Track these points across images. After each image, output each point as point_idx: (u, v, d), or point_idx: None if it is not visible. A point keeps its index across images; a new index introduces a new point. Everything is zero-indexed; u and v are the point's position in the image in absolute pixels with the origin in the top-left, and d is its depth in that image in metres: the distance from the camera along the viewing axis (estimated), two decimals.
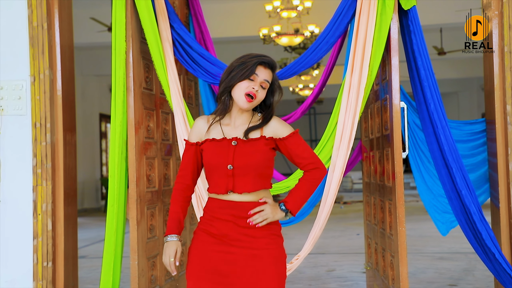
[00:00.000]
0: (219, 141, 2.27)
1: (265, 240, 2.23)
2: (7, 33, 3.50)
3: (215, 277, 2.20)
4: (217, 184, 2.25)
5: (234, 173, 2.22)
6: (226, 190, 2.23)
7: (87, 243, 7.83)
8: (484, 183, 3.75)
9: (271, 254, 2.22)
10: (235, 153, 2.24)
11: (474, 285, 4.72)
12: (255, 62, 2.25)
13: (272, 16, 9.04)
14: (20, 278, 3.42)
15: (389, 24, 3.19)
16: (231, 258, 2.20)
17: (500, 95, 3.42)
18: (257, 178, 2.24)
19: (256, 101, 2.26)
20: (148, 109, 3.46)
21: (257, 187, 2.24)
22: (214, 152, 2.26)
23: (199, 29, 3.88)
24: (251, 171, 2.23)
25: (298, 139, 2.31)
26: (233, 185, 2.22)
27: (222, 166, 2.23)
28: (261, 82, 2.26)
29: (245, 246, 2.21)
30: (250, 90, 2.23)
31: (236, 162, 2.23)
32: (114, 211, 3.22)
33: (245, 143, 2.26)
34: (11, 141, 3.46)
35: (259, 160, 2.24)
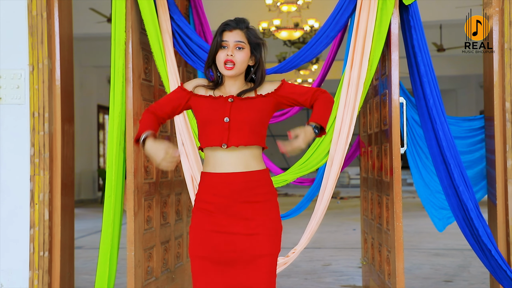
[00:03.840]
0: (216, 98, 2.32)
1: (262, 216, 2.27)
2: (6, 22, 3.48)
3: (216, 256, 2.24)
4: (212, 137, 2.27)
5: (230, 126, 2.25)
6: (221, 142, 2.25)
7: (83, 234, 7.83)
8: (482, 180, 3.76)
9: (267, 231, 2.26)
10: (232, 108, 2.28)
11: (470, 281, 4.74)
12: (219, 31, 2.31)
13: (272, 9, 9.02)
14: (16, 267, 3.42)
15: (389, 19, 3.18)
16: (229, 238, 2.24)
17: (499, 92, 3.42)
18: (252, 134, 2.27)
19: (239, 64, 2.29)
20: (147, 100, 3.45)
21: (251, 141, 2.27)
22: (211, 107, 2.30)
23: (199, 21, 3.87)
24: (246, 126, 2.26)
25: (289, 84, 2.38)
26: (228, 138, 2.25)
27: (218, 120, 2.27)
28: (234, 45, 2.29)
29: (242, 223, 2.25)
30: (226, 58, 2.28)
31: (232, 115, 2.26)
32: (112, 202, 3.21)
33: (241, 100, 2.31)
34: (9, 130, 3.45)
35: (254, 116, 2.28)
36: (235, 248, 2.24)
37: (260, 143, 2.31)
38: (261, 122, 2.31)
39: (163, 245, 3.62)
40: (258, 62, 2.35)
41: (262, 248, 2.24)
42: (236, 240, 2.24)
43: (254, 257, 2.24)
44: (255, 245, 2.24)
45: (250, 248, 2.24)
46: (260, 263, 2.24)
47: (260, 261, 2.24)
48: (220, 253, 2.24)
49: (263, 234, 2.25)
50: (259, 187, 2.29)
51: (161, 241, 3.59)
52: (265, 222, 2.27)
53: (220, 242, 2.25)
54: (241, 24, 2.32)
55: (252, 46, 2.33)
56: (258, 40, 2.34)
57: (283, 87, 2.35)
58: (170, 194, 3.75)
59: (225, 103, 2.29)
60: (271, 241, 2.27)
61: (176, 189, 3.84)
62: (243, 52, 2.30)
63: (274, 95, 2.34)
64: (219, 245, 2.25)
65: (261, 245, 2.24)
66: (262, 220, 2.27)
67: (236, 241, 2.24)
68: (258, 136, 2.30)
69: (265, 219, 2.27)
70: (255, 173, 2.28)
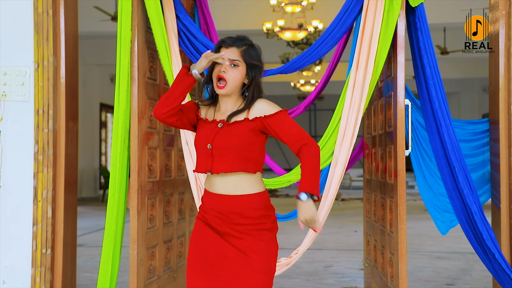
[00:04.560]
0: (209, 123, 2.33)
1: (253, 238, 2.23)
2: (12, 19, 3.48)
3: (206, 265, 2.24)
4: (199, 163, 2.31)
5: (213, 153, 2.25)
6: (205, 169, 2.28)
7: (85, 232, 7.83)
8: (485, 183, 3.75)
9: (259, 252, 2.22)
10: (217, 134, 2.27)
11: (472, 285, 4.73)
12: (216, 47, 2.32)
13: (276, 10, 9.01)
14: (19, 264, 3.42)
15: (396, 20, 3.17)
16: (221, 250, 2.24)
17: (504, 95, 3.42)
18: (237, 160, 2.23)
19: (230, 82, 2.26)
20: (152, 99, 3.45)
21: (234, 168, 2.22)
22: (201, 133, 2.32)
23: (204, 20, 3.87)
24: (230, 152, 2.23)
25: (285, 117, 2.24)
26: (212, 165, 2.25)
27: (203, 146, 2.28)
28: (228, 62, 2.27)
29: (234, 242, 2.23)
30: (218, 74, 2.27)
31: (215, 142, 2.25)
32: (115, 200, 3.21)
33: (229, 126, 2.28)
34: (13, 127, 3.45)
35: (238, 142, 2.23)
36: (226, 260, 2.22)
37: (249, 170, 2.23)
38: (249, 147, 2.23)
39: (166, 244, 3.62)
40: (252, 81, 2.29)
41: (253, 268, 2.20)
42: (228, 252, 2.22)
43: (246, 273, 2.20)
44: (246, 264, 2.21)
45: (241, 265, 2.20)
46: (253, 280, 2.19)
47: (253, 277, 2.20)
48: (210, 262, 2.24)
49: (256, 253, 2.22)
50: (249, 211, 2.24)
51: (164, 240, 3.59)
52: (258, 244, 2.23)
53: (212, 251, 2.24)
54: (238, 42, 2.29)
55: (248, 66, 2.29)
56: (254, 61, 2.28)
57: (275, 118, 2.23)
58: (173, 193, 3.74)
59: (214, 129, 2.28)
60: (263, 262, 2.22)
61: (179, 188, 3.84)
62: (237, 70, 2.26)
63: (261, 120, 2.25)
64: (211, 254, 2.24)
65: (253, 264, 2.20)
66: (254, 242, 2.23)
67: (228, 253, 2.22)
68: (247, 161, 2.23)
69: (257, 242, 2.23)
70: (244, 197, 2.24)
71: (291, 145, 2.23)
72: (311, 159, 2.20)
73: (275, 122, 2.23)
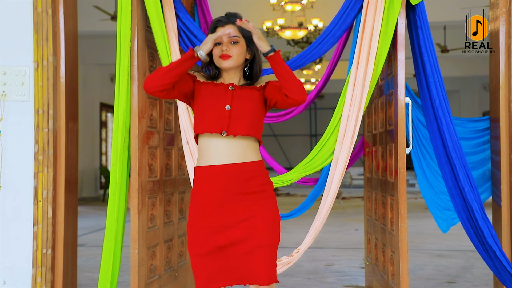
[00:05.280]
0: (217, 85, 2.32)
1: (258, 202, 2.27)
2: (12, 19, 3.47)
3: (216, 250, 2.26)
4: (212, 124, 2.26)
5: (231, 114, 2.25)
6: (221, 130, 2.24)
7: (85, 232, 7.83)
8: (486, 181, 3.75)
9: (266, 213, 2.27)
10: (233, 96, 2.28)
11: (473, 282, 4.73)
12: (212, 27, 2.34)
13: (276, 9, 9.01)
14: (20, 264, 3.41)
15: (396, 18, 3.17)
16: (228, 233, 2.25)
17: (505, 93, 3.41)
18: (251, 125, 2.27)
19: (235, 56, 2.29)
20: (152, 98, 3.44)
21: (250, 131, 2.27)
22: (211, 93, 2.30)
23: (204, 19, 3.86)
24: (247, 115, 2.26)
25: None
26: (228, 126, 2.24)
27: (219, 107, 2.26)
28: (227, 40, 2.29)
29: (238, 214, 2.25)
30: (221, 53, 2.29)
31: (234, 104, 2.26)
32: (116, 200, 3.21)
33: (241, 90, 2.31)
34: (13, 127, 3.45)
35: (254, 106, 2.29)
36: (233, 241, 2.25)
37: (258, 135, 2.32)
38: (260, 114, 2.32)
39: (167, 243, 3.62)
40: (254, 55, 2.36)
41: (260, 239, 2.24)
42: (233, 233, 2.25)
43: (252, 248, 2.24)
44: (253, 236, 2.24)
45: (248, 239, 2.24)
46: (259, 254, 2.24)
47: (259, 251, 2.24)
48: (218, 248, 2.25)
49: (260, 225, 2.25)
50: (254, 178, 2.29)
51: (165, 240, 3.59)
52: (262, 212, 2.27)
53: (217, 238, 2.26)
54: (232, 18, 2.33)
55: (247, 40, 2.33)
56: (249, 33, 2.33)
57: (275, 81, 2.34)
58: (174, 192, 3.74)
59: (226, 91, 2.29)
60: (269, 232, 2.27)
61: (180, 188, 3.84)
62: (239, 45, 2.31)
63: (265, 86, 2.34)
64: (216, 241, 2.25)
65: (259, 235, 2.24)
66: (259, 211, 2.27)
67: (233, 234, 2.25)
68: (256, 128, 2.31)
69: (261, 210, 2.27)
70: (250, 164, 2.28)
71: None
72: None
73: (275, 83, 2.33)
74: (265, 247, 2.25)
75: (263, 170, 2.34)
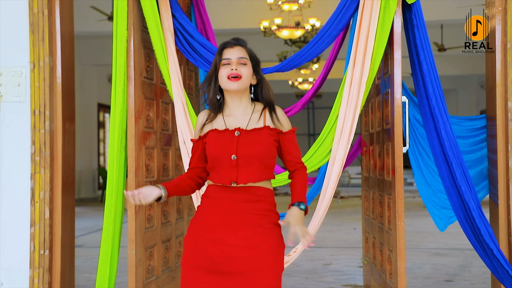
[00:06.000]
0: (222, 132, 2.25)
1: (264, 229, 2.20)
2: (7, 19, 3.47)
3: (210, 265, 2.17)
4: (221, 175, 2.22)
5: (238, 163, 2.20)
6: (230, 181, 2.21)
7: (83, 233, 7.82)
8: (483, 179, 3.75)
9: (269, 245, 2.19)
10: (238, 143, 2.21)
11: (471, 281, 4.73)
12: (219, 51, 2.29)
13: (273, 8, 9.01)
14: (17, 265, 3.41)
15: (392, 17, 3.17)
16: (226, 250, 2.17)
17: (501, 91, 3.41)
18: (262, 168, 2.23)
19: (245, 77, 2.25)
20: (148, 98, 3.44)
21: (260, 177, 2.23)
22: (217, 143, 2.24)
23: (201, 19, 3.86)
24: (255, 161, 2.21)
25: (294, 137, 2.34)
26: (237, 176, 2.20)
27: (225, 157, 2.21)
28: (237, 61, 2.25)
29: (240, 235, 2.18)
30: (229, 73, 2.24)
31: (240, 152, 2.20)
32: (113, 200, 3.20)
33: (248, 133, 2.24)
34: (10, 128, 3.44)
35: (263, 150, 2.23)
36: (233, 260, 2.16)
37: (270, 176, 2.27)
38: (271, 154, 2.26)
39: (164, 243, 3.62)
40: (260, 80, 2.32)
41: (264, 262, 2.15)
42: (234, 252, 2.16)
43: (255, 271, 2.14)
44: (256, 258, 2.15)
45: (250, 261, 2.15)
46: (263, 277, 2.14)
47: (263, 275, 2.14)
48: (215, 264, 2.16)
49: (264, 247, 2.17)
50: (262, 202, 2.24)
51: (162, 240, 3.58)
52: (267, 236, 2.20)
53: (216, 252, 2.17)
54: (240, 41, 2.30)
55: (253, 63, 2.30)
56: (256, 59, 2.32)
57: (288, 135, 2.31)
58: None
59: (232, 138, 2.23)
60: (273, 255, 2.18)
61: None
62: (247, 67, 2.27)
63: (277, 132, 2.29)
64: (215, 256, 2.17)
65: (263, 258, 2.16)
66: (263, 233, 2.19)
67: (235, 253, 2.16)
68: (268, 169, 2.26)
69: (266, 234, 2.20)
70: (260, 188, 2.25)
71: (291, 164, 2.34)
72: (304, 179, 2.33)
73: (286, 140, 2.31)
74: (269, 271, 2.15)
75: (271, 198, 2.29)
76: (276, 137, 2.28)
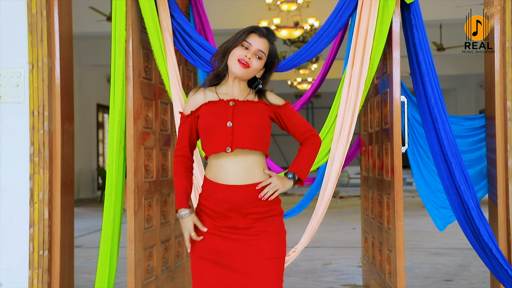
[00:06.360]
0: (216, 103, 2.27)
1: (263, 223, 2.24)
2: (6, 20, 3.46)
3: (216, 257, 2.23)
4: (216, 143, 2.22)
5: (234, 130, 2.21)
6: (225, 147, 2.20)
7: (83, 233, 7.82)
8: (482, 179, 3.75)
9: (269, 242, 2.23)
10: (234, 111, 2.23)
11: (470, 280, 4.73)
12: (247, 30, 2.27)
13: (272, 8, 9.01)
14: (16, 266, 3.41)
15: (391, 17, 3.17)
16: (229, 243, 2.22)
17: (500, 91, 3.41)
18: (256, 138, 2.23)
19: (252, 69, 2.26)
20: (147, 99, 3.44)
21: (254, 145, 2.22)
22: (211, 113, 2.25)
23: (199, 19, 3.85)
24: (251, 130, 2.22)
25: (292, 108, 2.36)
26: (232, 141, 2.20)
27: (220, 125, 2.22)
28: (255, 51, 2.25)
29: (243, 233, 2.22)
30: (243, 58, 2.24)
31: (235, 119, 2.22)
32: (112, 201, 3.20)
33: (244, 104, 2.26)
34: (9, 129, 3.44)
35: (258, 120, 2.25)
36: (237, 251, 2.21)
37: (264, 150, 2.28)
38: (265, 127, 2.27)
39: (163, 244, 3.61)
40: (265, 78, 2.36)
41: (265, 252, 2.21)
42: (237, 245, 2.21)
43: (257, 261, 2.20)
44: (258, 249, 2.20)
45: (252, 252, 2.20)
46: (265, 267, 2.19)
47: (265, 264, 2.19)
48: (221, 255, 2.22)
49: (265, 239, 2.22)
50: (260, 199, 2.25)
51: (161, 240, 3.58)
52: (267, 229, 2.24)
53: (221, 244, 2.22)
54: (270, 36, 2.30)
55: (268, 61, 2.32)
56: (275, 59, 2.33)
57: (285, 108, 2.33)
58: (170, 193, 3.74)
59: (227, 107, 2.24)
60: (275, 245, 2.23)
61: None
62: (260, 62, 2.28)
63: (274, 109, 2.32)
64: (220, 248, 2.22)
65: (265, 248, 2.21)
66: (264, 227, 2.24)
67: (238, 245, 2.21)
68: (263, 141, 2.26)
69: (266, 226, 2.24)
70: (257, 185, 2.25)
71: (300, 134, 2.35)
72: (313, 147, 2.35)
73: (287, 112, 2.33)
74: (271, 260, 2.21)
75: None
76: (271, 113, 2.31)
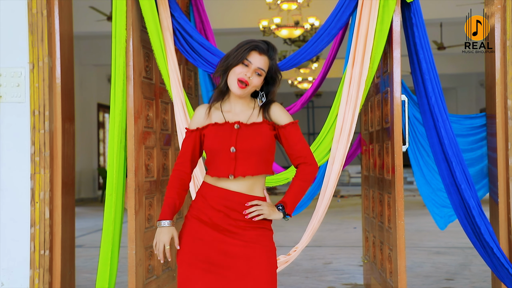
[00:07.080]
0: (221, 125, 2.25)
1: (255, 232, 2.22)
2: (7, 20, 3.47)
3: (206, 265, 2.18)
4: (219, 168, 2.22)
5: (237, 156, 2.20)
6: (228, 173, 2.20)
7: (84, 233, 7.82)
8: (483, 178, 3.75)
9: (263, 246, 2.21)
10: (238, 136, 2.22)
11: (471, 279, 4.73)
12: (248, 48, 2.23)
13: (273, 8, 9.00)
14: (17, 266, 3.41)
15: (391, 16, 3.17)
16: (223, 248, 2.18)
17: (501, 89, 3.41)
18: (259, 163, 2.23)
19: (250, 87, 2.24)
20: (148, 98, 3.44)
21: (259, 170, 2.22)
22: (216, 135, 2.24)
23: (200, 19, 3.85)
24: (254, 155, 2.21)
25: (296, 129, 2.30)
26: (235, 168, 2.19)
27: (224, 149, 2.21)
28: (255, 69, 2.23)
29: (235, 237, 2.19)
30: (242, 77, 2.22)
31: (239, 145, 2.20)
32: (113, 200, 3.20)
33: (248, 127, 2.24)
34: (9, 129, 3.44)
35: (262, 144, 2.23)
36: (229, 257, 2.17)
37: (268, 171, 2.27)
38: (269, 149, 2.26)
39: None
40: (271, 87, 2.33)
41: (259, 258, 2.18)
42: (229, 250, 2.18)
43: (250, 267, 2.16)
44: (251, 255, 2.17)
45: (245, 257, 2.17)
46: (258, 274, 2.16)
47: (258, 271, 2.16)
48: (211, 262, 2.17)
49: (259, 245, 2.20)
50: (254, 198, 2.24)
51: None
52: (260, 238, 2.21)
53: (211, 250, 2.18)
54: (271, 52, 2.27)
55: (268, 75, 2.29)
56: (276, 75, 2.30)
57: (286, 129, 2.28)
58: None
59: (231, 131, 2.23)
60: (267, 253, 2.21)
61: None
62: (260, 78, 2.26)
63: (276, 127, 2.29)
64: (210, 253, 2.18)
65: (258, 255, 2.18)
66: (256, 235, 2.21)
67: (230, 250, 2.18)
68: (266, 164, 2.25)
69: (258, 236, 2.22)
70: (255, 198, 2.24)
71: (293, 158, 2.32)
72: (304, 177, 2.31)
73: (287, 133, 2.29)
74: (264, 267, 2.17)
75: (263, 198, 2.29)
76: (274, 132, 2.29)
